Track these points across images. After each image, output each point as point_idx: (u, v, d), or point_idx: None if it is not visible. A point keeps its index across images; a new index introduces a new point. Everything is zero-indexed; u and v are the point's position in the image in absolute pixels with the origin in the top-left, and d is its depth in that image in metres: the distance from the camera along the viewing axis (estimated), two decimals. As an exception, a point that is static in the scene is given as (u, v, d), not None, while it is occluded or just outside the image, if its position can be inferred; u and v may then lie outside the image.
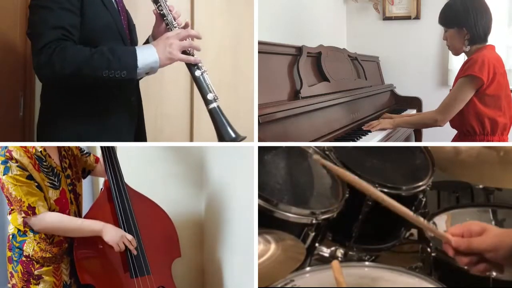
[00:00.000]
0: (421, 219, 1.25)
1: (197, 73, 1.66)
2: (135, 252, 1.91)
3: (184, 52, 1.63)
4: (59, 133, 1.64)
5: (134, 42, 1.82)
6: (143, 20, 1.94)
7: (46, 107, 1.70)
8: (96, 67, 1.50)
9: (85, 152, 2.09)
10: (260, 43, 2.22)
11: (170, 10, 1.70)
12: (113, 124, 1.68)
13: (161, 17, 1.71)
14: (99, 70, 1.50)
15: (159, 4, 1.69)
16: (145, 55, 1.55)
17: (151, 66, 1.57)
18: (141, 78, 1.72)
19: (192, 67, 1.66)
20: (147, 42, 1.81)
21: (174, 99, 2.35)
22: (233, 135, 1.62)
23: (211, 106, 1.64)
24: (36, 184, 1.76)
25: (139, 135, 1.85)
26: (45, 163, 1.80)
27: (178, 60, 1.61)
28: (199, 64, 1.66)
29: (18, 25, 1.97)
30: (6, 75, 1.97)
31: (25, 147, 1.76)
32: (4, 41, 1.96)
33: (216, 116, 1.63)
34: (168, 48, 1.58)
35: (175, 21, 1.69)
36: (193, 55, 1.66)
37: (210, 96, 1.64)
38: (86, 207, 2.02)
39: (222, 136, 1.62)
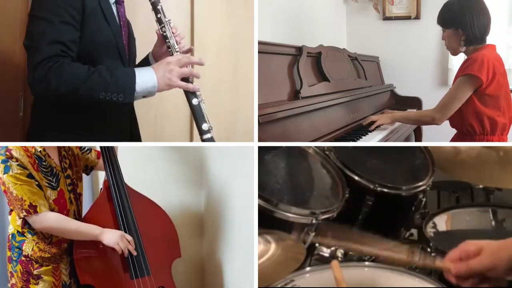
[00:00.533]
0: (416, 258, 1.35)
1: (195, 101, 1.63)
2: (134, 253, 1.91)
3: (183, 79, 1.60)
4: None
5: (132, 56, 1.79)
6: (142, 29, 1.94)
7: (36, 116, 1.67)
8: (93, 88, 1.47)
9: (85, 149, 2.08)
10: (260, 43, 2.21)
11: (173, 33, 1.67)
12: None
13: (163, 38, 1.68)
14: (96, 92, 1.47)
15: (162, 25, 1.66)
16: (144, 79, 1.53)
17: (149, 91, 1.55)
18: None
19: (190, 94, 1.63)
20: (146, 58, 1.79)
21: (174, 99, 2.34)
22: None
23: (205, 137, 1.62)
24: (37, 183, 1.76)
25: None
26: (44, 163, 1.80)
27: (177, 87, 1.59)
28: (197, 93, 1.63)
29: (18, 25, 1.97)
30: (6, 75, 1.97)
31: (25, 146, 1.76)
32: (4, 41, 1.96)
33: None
34: (168, 74, 1.56)
35: (177, 44, 1.66)
36: (192, 82, 1.63)
37: (205, 127, 1.62)
38: (86, 207, 2.02)
39: None
